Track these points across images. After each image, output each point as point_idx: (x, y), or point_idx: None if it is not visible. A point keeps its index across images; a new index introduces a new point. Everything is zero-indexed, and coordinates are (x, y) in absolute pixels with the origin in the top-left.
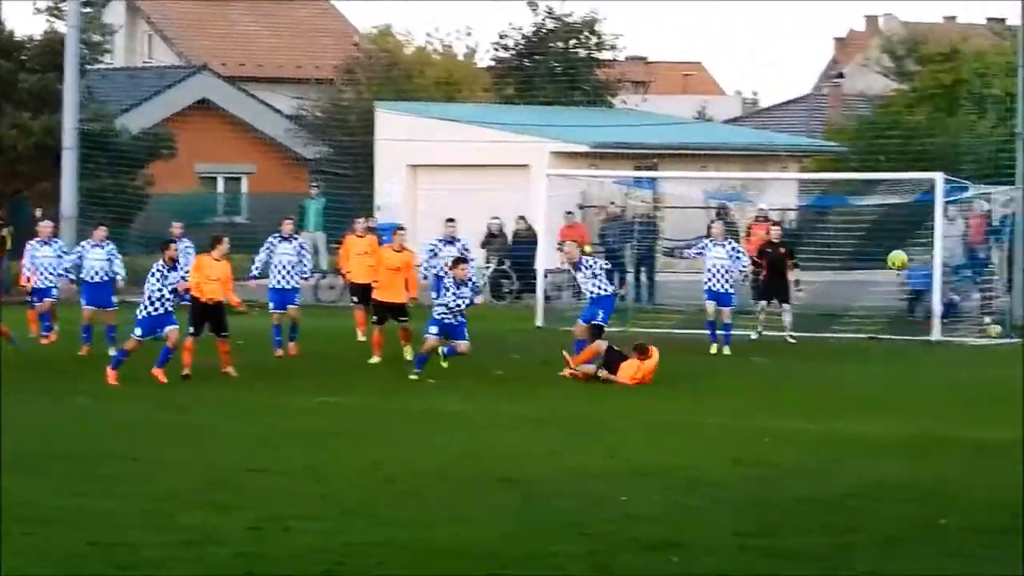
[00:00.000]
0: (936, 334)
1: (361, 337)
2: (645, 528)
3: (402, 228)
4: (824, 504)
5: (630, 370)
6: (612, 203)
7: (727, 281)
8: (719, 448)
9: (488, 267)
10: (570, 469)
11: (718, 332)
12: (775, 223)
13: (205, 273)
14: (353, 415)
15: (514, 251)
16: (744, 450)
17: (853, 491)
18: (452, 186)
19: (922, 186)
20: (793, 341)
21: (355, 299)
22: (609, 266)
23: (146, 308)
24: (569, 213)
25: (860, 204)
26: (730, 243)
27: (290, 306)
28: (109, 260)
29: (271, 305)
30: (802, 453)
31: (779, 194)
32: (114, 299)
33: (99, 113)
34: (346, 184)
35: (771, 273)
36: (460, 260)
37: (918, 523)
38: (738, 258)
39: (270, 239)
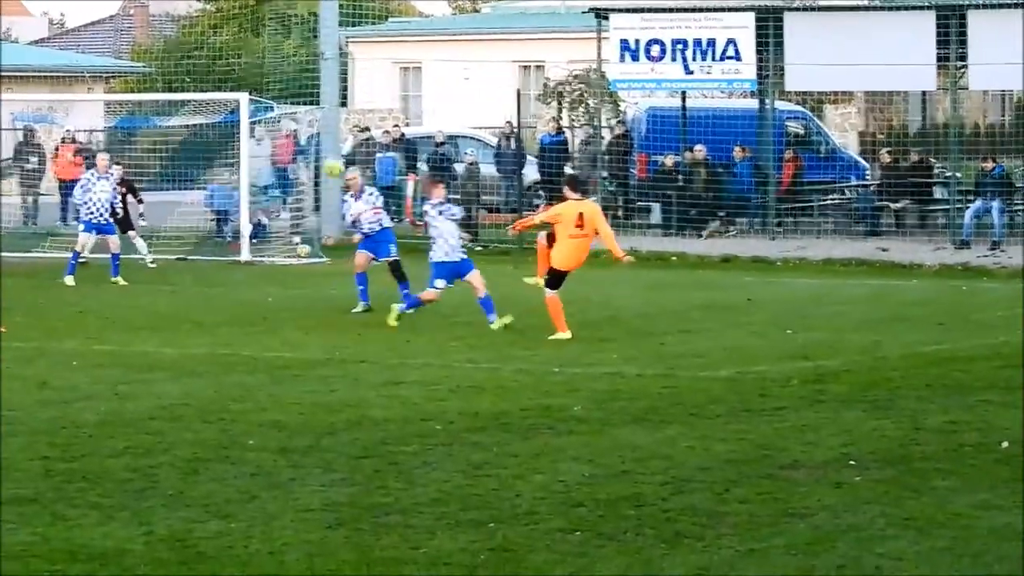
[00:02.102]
0: (245, 254)
1: None
2: None
3: None
4: (129, 426)
5: None
6: None
7: (108, 212)
8: (26, 373)
9: None
10: None
11: (80, 260)
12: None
13: None
14: None
15: None
16: (52, 374)
17: (158, 413)
18: None
19: (228, 106)
20: (153, 265)
21: None
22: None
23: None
24: None
25: (167, 125)
26: (112, 175)
27: None
28: None
29: None
30: (108, 375)
31: (86, 116)
32: None
33: None
34: None
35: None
36: None
37: (223, 444)
38: (115, 188)
39: None
